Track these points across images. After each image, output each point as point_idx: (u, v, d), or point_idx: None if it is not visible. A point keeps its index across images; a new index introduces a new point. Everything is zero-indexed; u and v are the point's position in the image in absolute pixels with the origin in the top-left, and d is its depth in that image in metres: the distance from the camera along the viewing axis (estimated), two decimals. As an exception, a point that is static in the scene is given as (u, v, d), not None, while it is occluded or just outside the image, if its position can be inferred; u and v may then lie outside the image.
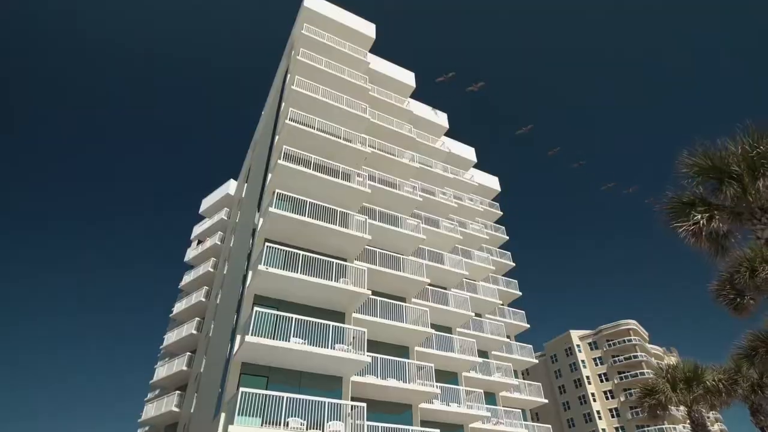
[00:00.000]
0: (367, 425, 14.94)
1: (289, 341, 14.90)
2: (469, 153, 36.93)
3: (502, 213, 38.08)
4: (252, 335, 14.26)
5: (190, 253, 37.04)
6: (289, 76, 23.82)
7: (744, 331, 18.71)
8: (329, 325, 16.03)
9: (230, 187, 37.72)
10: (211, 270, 32.12)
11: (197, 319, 30.02)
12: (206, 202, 39.86)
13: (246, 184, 30.40)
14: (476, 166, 37.89)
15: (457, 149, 35.86)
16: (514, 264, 35.20)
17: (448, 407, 20.19)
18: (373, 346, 18.36)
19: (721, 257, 12.33)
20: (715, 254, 11.90)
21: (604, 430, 70.98)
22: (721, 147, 11.22)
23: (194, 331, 29.23)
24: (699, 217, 10.88)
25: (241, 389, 13.38)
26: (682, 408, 20.77)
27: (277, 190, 18.37)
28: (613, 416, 72.19)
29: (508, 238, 36.67)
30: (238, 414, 12.93)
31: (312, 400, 14.18)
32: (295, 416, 13.80)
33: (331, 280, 17.17)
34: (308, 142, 20.83)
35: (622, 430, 70.30)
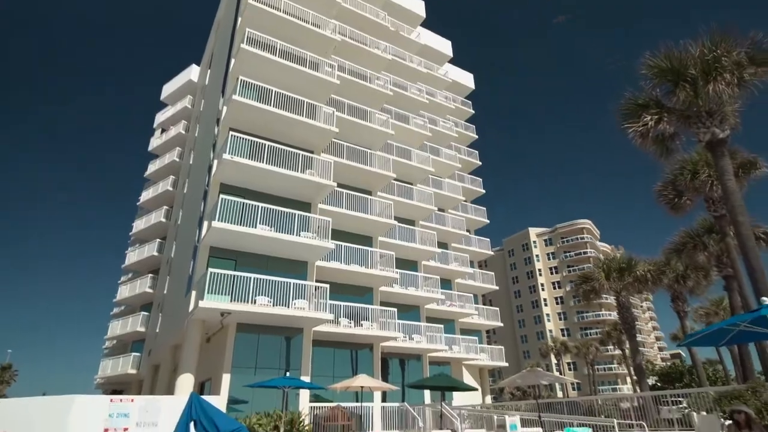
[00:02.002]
0: (330, 303, 16.35)
1: (255, 228, 15.49)
2: (445, 47, 35.43)
3: (473, 112, 37.85)
4: (219, 221, 14.72)
5: (154, 142, 36.00)
6: (250, -55, 21.41)
7: (679, 229, 20.60)
8: (295, 213, 16.63)
9: (193, 72, 35.60)
10: (177, 159, 31.61)
11: (165, 207, 30.24)
12: (168, 89, 37.78)
13: (209, 70, 28.75)
14: (452, 61, 36.65)
15: (433, 42, 34.28)
16: (480, 163, 35.97)
17: (406, 291, 22.04)
18: (339, 235, 19.27)
19: (665, 158, 13.10)
20: (660, 155, 12.62)
21: (548, 314, 79.50)
22: (683, 49, 11.32)
23: (163, 219, 29.61)
24: (648, 118, 11.34)
25: (210, 270, 14.20)
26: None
27: (240, 77, 17.61)
28: (557, 303, 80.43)
29: (477, 137, 36.92)
30: (208, 292, 13.86)
31: (278, 281, 15.25)
32: (262, 295, 14.91)
33: (297, 171, 17.38)
34: (273, 25, 19.51)
35: (564, 315, 78.98)
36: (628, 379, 64.26)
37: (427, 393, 20.94)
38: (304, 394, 15.55)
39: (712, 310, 32.93)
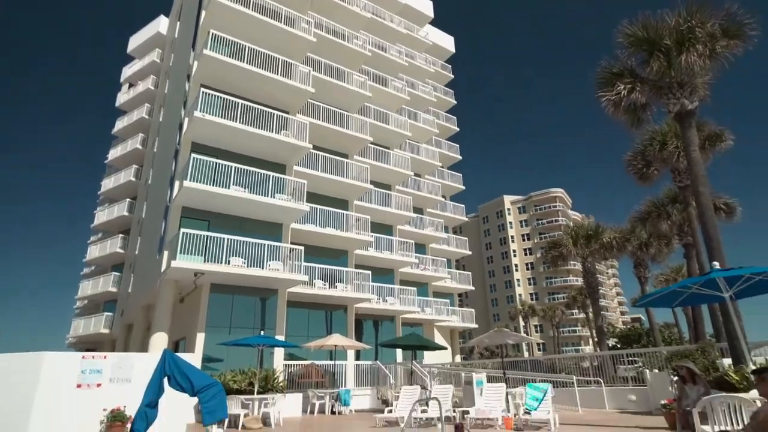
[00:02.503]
0: (305, 265, 16.47)
1: (228, 188, 15.26)
2: (426, 6, 34.50)
3: (453, 76, 37.42)
4: (190, 181, 14.43)
5: (122, 98, 34.47)
6: None
7: (645, 198, 21.29)
8: (269, 175, 16.41)
9: (161, 24, 33.79)
10: (146, 117, 30.45)
11: (135, 166, 29.36)
12: (135, 41, 35.85)
13: (179, 23, 27.35)
14: (432, 22, 35.82)
15: (413, 0, 33.31)
16: (458, 129, 35.89)
17: (381, 254, 22.33)
18: (314, 197, 19.22)
19: (636, 128, 13.34)
20: (631, 125, 12.83)
21: (518, 279, 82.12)
22: (660, 18, 11.36)
23: (133, 179, 28.81)
24: (621, 87, 11.47)
25: (182, 230, 14.03)
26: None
27: (212, 31, 16.84)
28: (527, 269, 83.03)
29: (456, 102, 36.70)
30: (180, 252, 13.74)
31: (252, 242, 15.21)
32: (236, 256, 14.88)
33: (272, 131, 17.04)
34: (247, -25, 18.58)
35: (533, 280, 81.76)
36: (591, 341, 67.74)
37: (399, 352, 21.63)
38: (279, 353, 15.87)
39: (671, 276, 34.54)
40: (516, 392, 11.52)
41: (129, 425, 7.68)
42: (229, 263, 14.54)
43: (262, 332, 13.98)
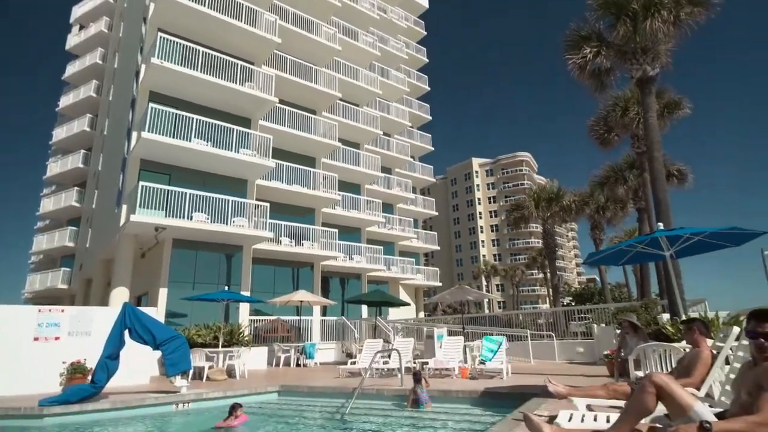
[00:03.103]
0: (270, 222, 16.35)
1: (190, 141, 14.75)
2: (400, -45, 33.13)
3: (426, 33, 36.58)
4: (148, 132, 13.84)
5: (72, 40, 31.99)
6: None
7: (605, 163, 21.99)
8: (233, 129, 15.92)
9: (113, -41, 31.12)
10: (100, 62, 28.53)
11: (89, 115, 27.77)
12: (84, -23, 32.96)
13: (133, -41, 25.27)
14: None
15: (387, -50, 31.89)
16: (429, 88, 35.48)
17: (348, 213, 22.39)
18: (280, 154, 18.84)
19: (600, 93, 13.53)
20: (595, 90, 13.01)
21: (483, 241, 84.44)
22: (630, -19, 11.35)
23: (87, 128, 27.31)
24: (588, 51, 11.57)
25: (141, 183, 13.58)
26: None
27: (169, -30, 15.71)
28: (492, 231, 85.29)
29: (427, 60, 36.06)
30: (140, 206, 13.35)
31: (216, 198, 14.93)
32: (199, 212, 14.60)
33: (236, 83, 16.39)
34: None
35: (497, 241, 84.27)
36: (548, 299, 71.20)
37: (364, 308, 22.16)
38: (244, 308, 15.97)
39: (624, 239, 36.27)
40: (473, 345, 12.08)
41: (90, 377, 7.68)
42: (191, 219, 14.27)
43: (226, 288, 13.98)
